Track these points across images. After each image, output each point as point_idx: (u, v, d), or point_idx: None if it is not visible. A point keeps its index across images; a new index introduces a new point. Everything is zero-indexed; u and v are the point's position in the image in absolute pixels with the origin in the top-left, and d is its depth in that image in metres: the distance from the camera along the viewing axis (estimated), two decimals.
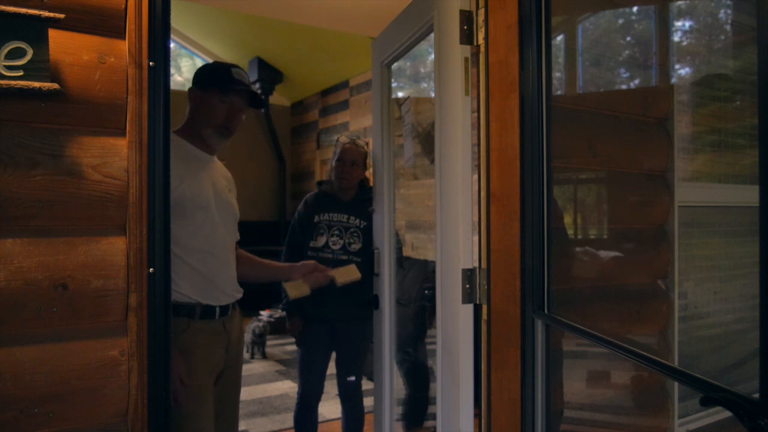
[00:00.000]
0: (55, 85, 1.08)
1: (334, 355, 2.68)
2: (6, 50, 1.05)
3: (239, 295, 1.84)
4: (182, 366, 1.62)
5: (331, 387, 2.94)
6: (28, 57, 1.06)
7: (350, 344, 2.63)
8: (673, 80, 1.97)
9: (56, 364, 1.12)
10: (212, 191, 1.77)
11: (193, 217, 1.68)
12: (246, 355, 4.97)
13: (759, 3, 0.82)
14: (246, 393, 3.97)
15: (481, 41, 1.65)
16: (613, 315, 1.81)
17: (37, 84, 1.07)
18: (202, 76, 1.81)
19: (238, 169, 2.05)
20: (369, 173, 2.60)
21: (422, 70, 4.61)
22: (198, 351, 1.69)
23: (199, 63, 7.35)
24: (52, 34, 1.10)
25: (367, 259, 2.52)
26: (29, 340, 1.10)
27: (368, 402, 2.76)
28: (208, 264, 1.72)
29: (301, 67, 6.57)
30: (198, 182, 1.72)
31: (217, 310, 1.74)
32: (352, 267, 2.19)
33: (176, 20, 6.42)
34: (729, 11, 2.24)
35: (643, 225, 1.87)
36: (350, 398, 2.67)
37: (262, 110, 7.13)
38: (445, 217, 1.73)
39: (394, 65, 2.33)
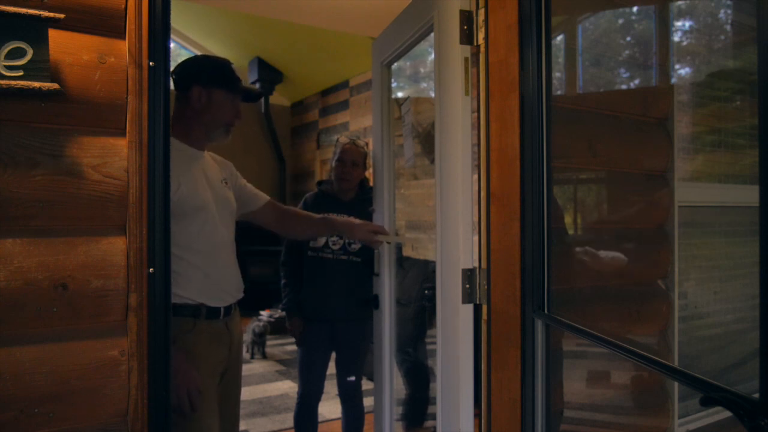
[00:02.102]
0: (55, 85, 1.08)
1: (334, 355, 2.68)
2: (6, 50, 1.05)
3: (240, 295, 1.84)
4: (196, 374, 1.62)
5: (331, 387, 2.94)
6: (28, 57, 1.06)
7: (350, 344, 2.63)
8: (673, 80, 1.97)
9: (56, 364, 1.12)
10: (209, 190, 1.76)
11: (194, 218, 1.68)
12: (246, 355, 4.97)
13: (759, 3, 0.82)
14: (246, 393, 3.97)
15: (481, 41, 1.65)
16: (613, 315, 1.81)
17: (37, 84, 1.06)
18: (207, 73, 1.77)
19: (238, 169, 2.05)
20: (369, 173, 2.60)
21: (422, 70, 4.61)
22: (203, 351, 1.69)
23: None
24: (52, 34, 1.10)
25: (367, 259, 2.52)
26: (29, 340, 1.10)
27: (368, 402, 2.76)
28: (213, 265, 1.72)
29: (301, 67, 6.57)
30: (194, 183, 1.72)
31: (222, 310, 1.75)
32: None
33: (176, 20, 6.42)
34: (729, 11, 2.24)
35: (643, 225, 1.87)
36: (350, 398, 2.68)
37: (254, 103, 7.13)
38: (445, 217, 1.73)
39: (394, 65, 2.33)
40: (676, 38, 2.07)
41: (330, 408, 3.60)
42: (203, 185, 1.75)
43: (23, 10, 1.05)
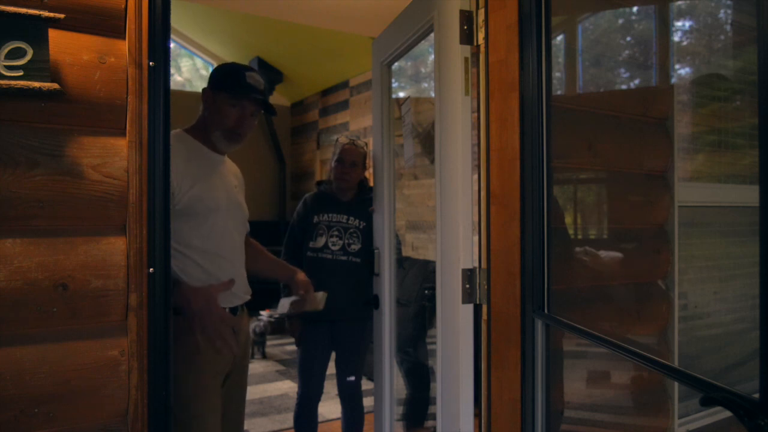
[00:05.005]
0: (55, 85, 1.08)
1: (334, 355, 2.68)
2: (6, 50, 1.05)
3: (248, 297, 1.84)
4: (198, 365, 1.62)
5: (331, 387, 2.94)
6: (28, 57, 1.06)
7: (350, 344, 2.63)
8: (673, 80, 1.97)
9: (56, 364, 1.12)
10: (224, 193, 1.77)
11: (205, 219, 1.68)
12: None
13: (759, 3, 0.82)
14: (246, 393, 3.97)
15: (481, 41, 1.65)
16: (613, 315, 1.81)
17: (37, 84, 1.06)
18: (215, 76, 1.79)
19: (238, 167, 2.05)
20: (369, 173, 2.60)
21: (422, 70, 4.61)
22: (207, 351, 1.69)
23: (199, 63, 7.35)
24: (52, 34, 1.10)
25: (366, 260, 2.52)
26: (29, 340, 1.10)
27: (368, 402, 2.76)
28: (221, 267, 1.72)
29: (301, 67, 6.57)
30: (210, 184, 1.72)
31: (227, 311, 1.74)
32: (321, 295, 2.18)
33: (176, 20, 6.42)
34: (729, 11, 2.24)
35: (643, 225, 1.87)
36: (350, 398, 2.68)
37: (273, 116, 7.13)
38: (445, 217, 1.73)
39: (395, 65, 2.33)
40: (676, 38, 2.07)
41: (330, 408, 3.60)
42: (219, 188, 1.75)
43: (23, 10, 1.05)
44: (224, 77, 1.77)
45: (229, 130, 1.76)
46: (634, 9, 2.13)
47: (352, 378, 2.64)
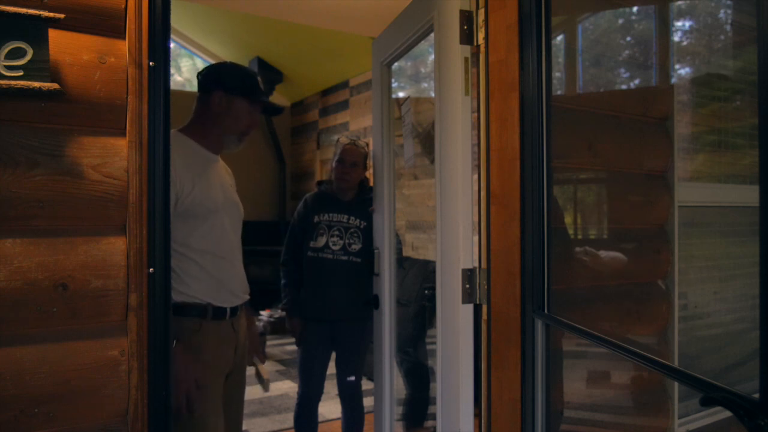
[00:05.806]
0: (55, 85, 1.08)
1: (334, 355, 2.68)
2: (6, 50, 1.05)
3: (247, 297, 1.84)
4: (198, 369, 1.63)
5: (331, 387, 2.94)
6: (28, 57, 1.06)
7: (350, 344, 2.63)
8: (673, 80, 1.97)
9: (56, 364, 1.12)
10: (221, 193, 1.77)
11: (204, 220, 1.69)
12: None
13: (759, 3, 0.82)
14: (246, 393, 3.96)
15: (481, 41, 1.65)
16: (613, 315, 1.81)
17: (37, 84, 1.06)
18: (231, 80, 1.78)
19: (238, 169, 2.05)
20: (369, 173, 2.60)
21: (422, 70, 4.61)
22: (209, 352, 1.69)
23: (199, 63, 7.35)
24: (52, 34, 1.10)
25: (367, 260, 2.52)
26: (29, 340, 1.10)
27: (368, 402, 2.76)
28: (219, 266, 1.72)
29: (301, 67, 6.57)
30: (208, 185, 1.73)
31: (228, 311, 1.75)
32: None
33: (176, 20, 6.41)
34: (729, 11, 2.24)
35: (643, 225, 1.87)
36: (350, 398, 2.68)
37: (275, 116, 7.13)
38: (445, 217, 1.73)
39: (395, 65, 2.33)
40: (676, 38, 2.07)
41: (330, 408, 3.60)
42: (216, 189, 1.76)
43: (23, 10, 1.05)
44: (242, 82, 1.79)
45: (243, 132, 1.81)
46: (634, 9, 2.13)
47: (352, 378, 2.64)
